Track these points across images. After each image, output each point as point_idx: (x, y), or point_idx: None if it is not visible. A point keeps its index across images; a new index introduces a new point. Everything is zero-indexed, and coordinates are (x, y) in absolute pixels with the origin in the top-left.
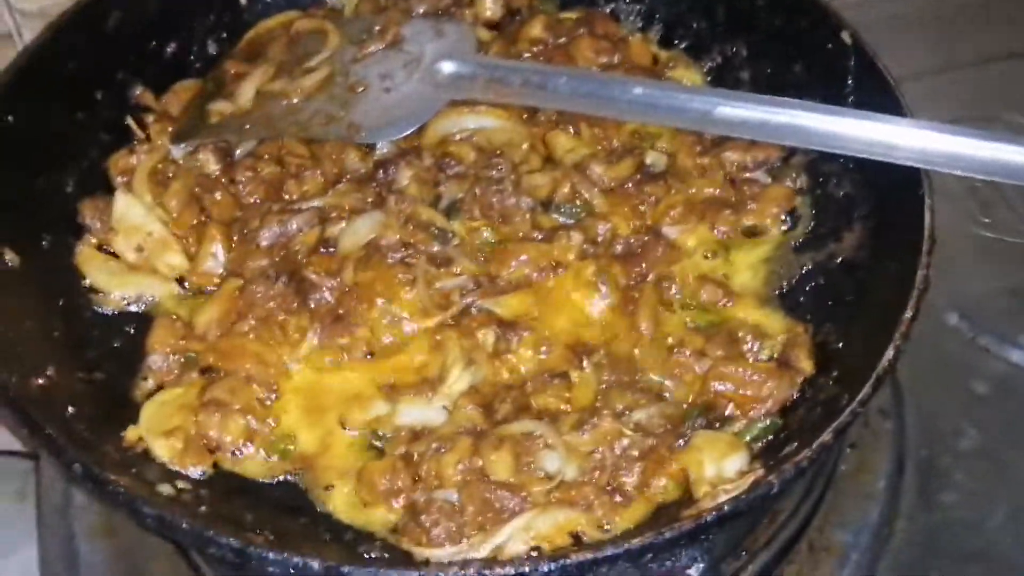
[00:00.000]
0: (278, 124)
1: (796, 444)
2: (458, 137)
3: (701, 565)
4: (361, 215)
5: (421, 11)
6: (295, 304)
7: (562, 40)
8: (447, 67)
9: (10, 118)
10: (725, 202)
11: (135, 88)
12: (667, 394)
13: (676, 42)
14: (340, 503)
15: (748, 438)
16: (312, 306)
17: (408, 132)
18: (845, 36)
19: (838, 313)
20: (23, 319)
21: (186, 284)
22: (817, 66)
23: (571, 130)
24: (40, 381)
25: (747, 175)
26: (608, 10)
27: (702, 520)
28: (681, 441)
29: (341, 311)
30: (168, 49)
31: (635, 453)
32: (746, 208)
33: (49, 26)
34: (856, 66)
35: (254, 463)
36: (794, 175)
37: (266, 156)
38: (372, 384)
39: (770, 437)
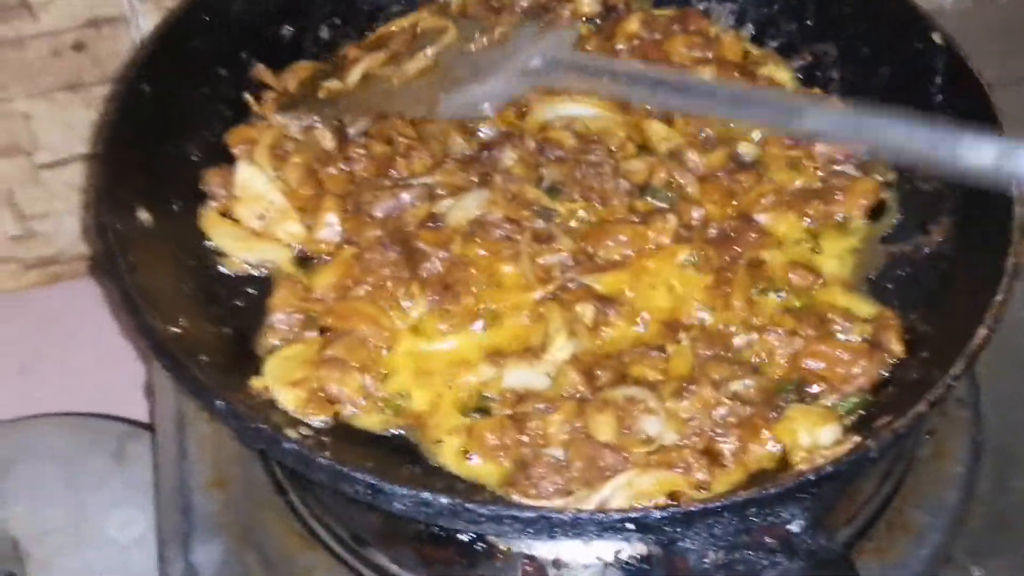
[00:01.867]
0: (373, 101)
1: (890, 417)
2: (558, 124)
3: (801, 522)
4: (468, 192)
5: (525, 4)
6: (406, 272)
7: (657, 36)
8: (535, 60)
9: (145, 87)
10: (814, 192)
11: (255, 67)
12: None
13: (767, 41)
14: (451, 457)
15: (840, 412)
16: (423, 274)
17: (484, 111)
18: (936, 37)
19: (926, 300)
20: (159, 273)
21: (304, 251)
22: (905, 67)
23: (665, 120)
24: (176, 329)
25: (836, 167)
26: (701, 8)
27: (804, 478)
28: (775, 413)
29: (449, 280)
30: (285, 33)
31: (733, 420)
32: (834, 199)
33: (178, 7)
34: (945, 68)
35: (370, 417)
36: (882, 168)
37: (377, 135)
38: (478, 350)
39: (861, 412)
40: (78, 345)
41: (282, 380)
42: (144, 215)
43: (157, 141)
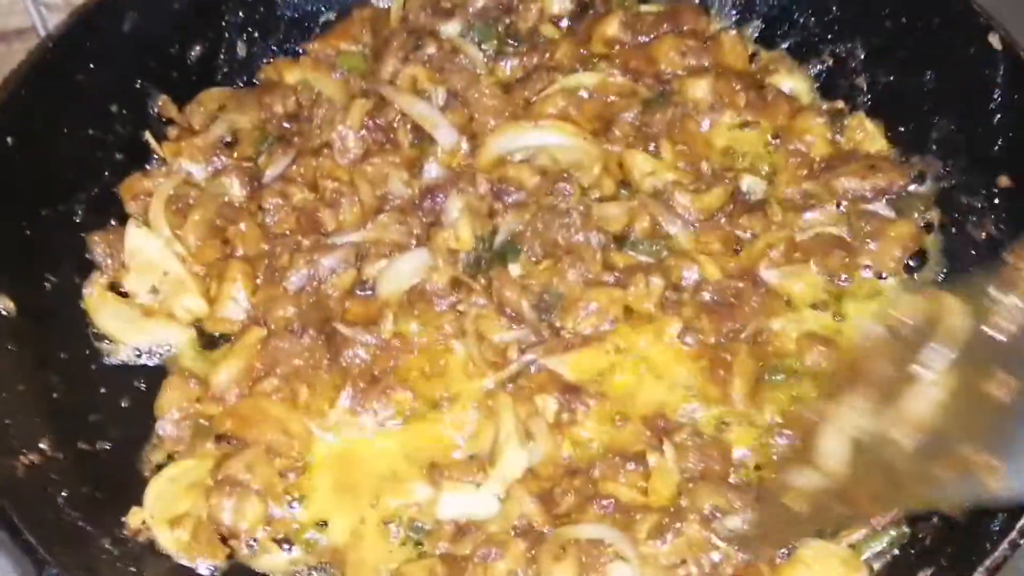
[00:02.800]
0: None
1: (931, 570)
2: (518, 157)
3: None
4: (404, 253)
5: (480, 5)
6: (325, 361)
7: (642, 40)
8: None
9: (9, 140)
10: (837, 240)
11: (155, 99)
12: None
13: (778, 40)
14: None
15: (868, 553)
16: (345, 364)
17: None
18: (993, 39)
19: None
20: (15, 381)
21: (203, 330)
22: (954, 74)
23: (652, 147)
24: (31, 458)
25: (865, 207)
26: (696, 1)
27: None
28: (784, 551)
29: (377, 370)
30: (192, 53)
31: (728, 571)
32: (863, 248)
33: (56, 30)
34: (1006, 76)
35: (274, 556)
36: (922, 207)
37: (299, 179)
38: (411, 461)
39: (896, 552)
40: None
41: (163, 514)
42: (5, 304)
43: (29, 206)
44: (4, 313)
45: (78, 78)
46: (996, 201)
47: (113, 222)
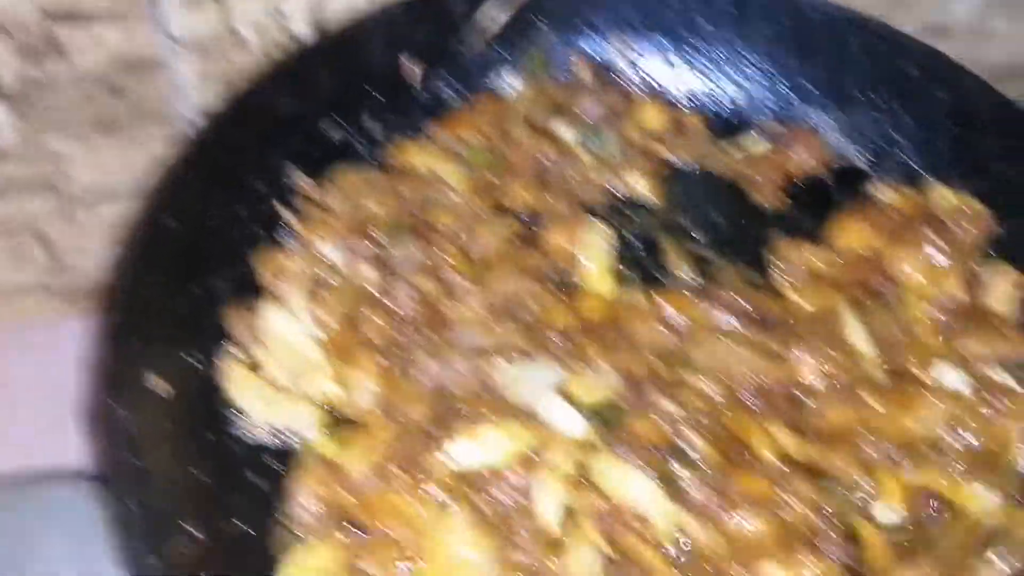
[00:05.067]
0: None
1: None
2: None
3: None
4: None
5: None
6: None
7: None
8: None
9: (171, 221)
10: None
11: (294, 176)
12: None
13: None
14: None
15: None
16: None
17: None
18: None
19: None
20: (170, 465)
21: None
22: None
23: None
24: (184, 548)
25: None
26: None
27: None
28: None
29: None
30: (335, 133)
31: None
32: None
33: (217, 113)
34: None
35: None
36: None
37: (428, 271)
38: None
39: None
40: None
41: None
42: (158, 384)
43: (181, 281)
44: (160, 394)
45: (230, 157)
46: None
47: (252, 297)
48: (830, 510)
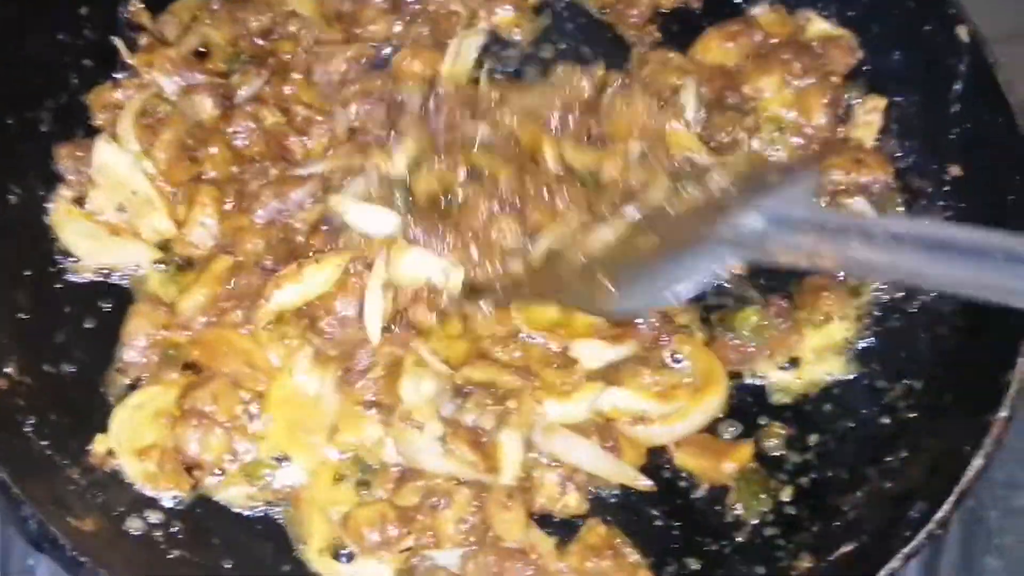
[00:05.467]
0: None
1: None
2: None
3: None
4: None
5: None
6: None
7: None
8: (755, 221)
9: None
10: None
11: (126, 3)
12: None
13: None
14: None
15: None
16: None
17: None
18: (961, 32)
19: None
20: None
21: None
22: (921, 58)
23: None
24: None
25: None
26: None
27: None
28: None
29: None
30: None
31: None
32: None
33: None
34: (968, 71)
35: (235, 490)
36: None
37: (271, 102)
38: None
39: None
40: None
41: (129, 444)
42: None
43: None
44: None
45: None
46: (945, 189)
47: (81, 133)
48: None
